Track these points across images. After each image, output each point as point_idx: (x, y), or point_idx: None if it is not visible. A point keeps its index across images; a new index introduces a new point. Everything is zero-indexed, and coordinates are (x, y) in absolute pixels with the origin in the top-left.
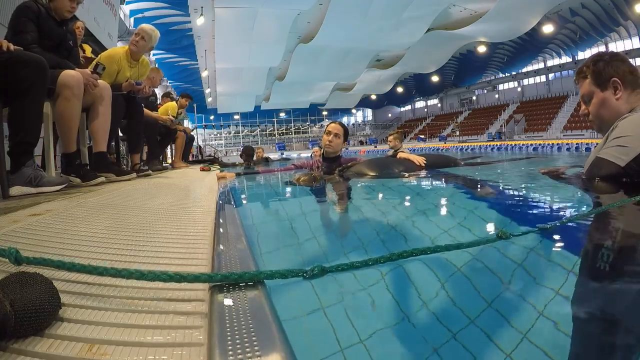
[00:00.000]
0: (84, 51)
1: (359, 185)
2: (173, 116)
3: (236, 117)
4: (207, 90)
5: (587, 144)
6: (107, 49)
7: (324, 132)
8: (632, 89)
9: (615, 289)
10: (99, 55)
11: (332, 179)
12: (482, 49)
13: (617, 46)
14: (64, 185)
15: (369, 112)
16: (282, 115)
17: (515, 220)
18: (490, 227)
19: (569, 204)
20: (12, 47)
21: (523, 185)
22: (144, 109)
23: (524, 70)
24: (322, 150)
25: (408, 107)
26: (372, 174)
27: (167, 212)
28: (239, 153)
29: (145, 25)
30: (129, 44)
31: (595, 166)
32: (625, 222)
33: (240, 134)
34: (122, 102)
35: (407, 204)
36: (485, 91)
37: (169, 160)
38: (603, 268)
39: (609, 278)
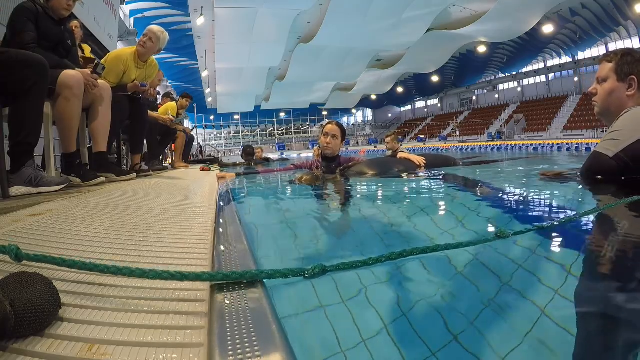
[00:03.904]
0: (83, 51)
1: (360, 184)
2: (173, 116)
3: (236, 117)
4: (207, 90)
5: (587, 144)
6: (107, 49)
7: (321, 133)
8: None
9: (613, 286)
10: (107, 55)
11: (333, 179)
12: (482, 49)
13: (617, 46)
14: (64, 185)
15: (369, 112)
16: (282, 115)
17: (514, 220)
18: (490, 227)
19: (567, 203)
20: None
21: (522, 185)
22: None
23: (524, 70)
24: (321, 150)
25: (408, 107)
26: (372, 173)
27: (167, 212)
28: (240, 154)
29: (154, 27)
30: (137, 44)
31: (589, 159)
32: (622, 222)
33: (240, 134)
34: (126, 103)
35: (407, 203)
36: (485, 91)
37: (169, 161)
38: (601, 266)
39: (607, 276)
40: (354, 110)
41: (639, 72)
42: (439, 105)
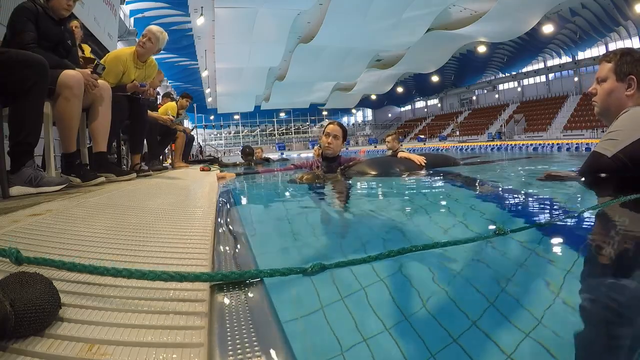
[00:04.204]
0: (83, 51)
1: (361, 184)
2: (173, 116)
3: (236, 117)
4: (207, 90)
5: (587, 144)
6: (107, 49)
7: (323, 133)
8: None
9: (613, 284)
10: (106, 55)
11: (334, 178)
12: (482, 49)
13: (617, 46)
14: (64, 185)
15: (369, 112)
16: (282, 115)
17: (513, 217)
18: (489, 224)
19: (565, 201)
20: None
21: (521, 184)
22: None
23: (524, 70)
24: (321, 150)
25: (408, 107)
26: (373, 173)
27: (167, 212)
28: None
29: (154, 27)
30: (136, 45)
31: (588, 159)
32: (620, 219)
33: (240, 134)
34: (126, 103)
35: (408, 202)
36: (485, 91)
37: (168, 161)
38: (601, 263)
39: (606, 273)
40: (354, 110)
41: (638, 72)
42: (439, 105)
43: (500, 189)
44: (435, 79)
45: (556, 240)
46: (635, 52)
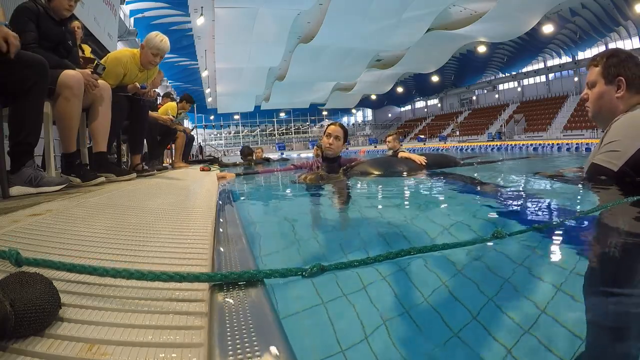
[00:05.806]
0: (83, 51)
1: (363, 184)
2: (173, 116)
3: (236, 117)
4: (207, 90)
5: (587, 144)
6: (107, 49)
7: (324, 134)
8: (636, 91)
9: (613, 286)
10: (107, 55)
11: (337, 178)
12: (482, 49)
13: (617, 46)
14: (64, 185)
15: (369, 112)
16: (282, 115)
17: (512, 220)
18: (488, 226)
19: (564, 204)
20: (17, 42)
21: (522, 184)
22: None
23: (524, 70)
24: (321, 151)
25: (408, 107)
26: (376, 173)
27: (167, 212)
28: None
29: (162, 45)
30: (147, 62)
31: (590, 172)
32: (621, 221)
33: (240, 134)
34: (126, 103)
35: (410, 203)
36: (485, 91)
37: (168, 161)
38: (599, 266)
39: (606, 276)
40: (354, 110)
41: (625, 71)
42: (439, 105)
43: (500, 189)
44: (435, 79)
45: (555, 242)
46: (621, 52)
